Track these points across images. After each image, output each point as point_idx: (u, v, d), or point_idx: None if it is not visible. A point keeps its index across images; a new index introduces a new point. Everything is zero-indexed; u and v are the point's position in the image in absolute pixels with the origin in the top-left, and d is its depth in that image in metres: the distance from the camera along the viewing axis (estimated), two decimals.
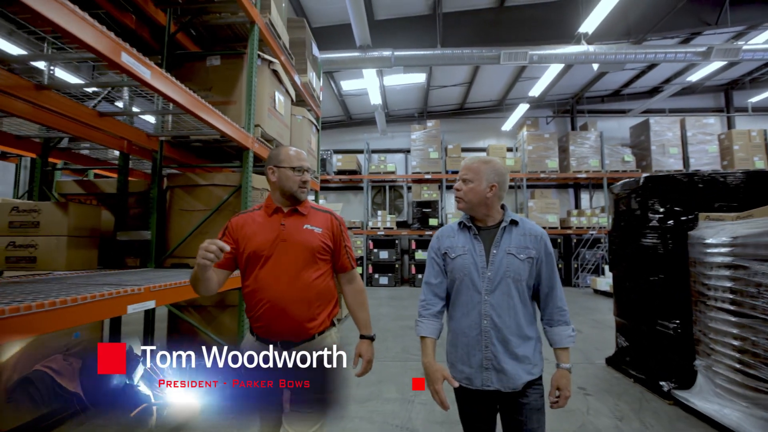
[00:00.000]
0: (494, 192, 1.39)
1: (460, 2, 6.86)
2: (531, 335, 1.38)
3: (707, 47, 6.23)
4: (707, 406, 2.56)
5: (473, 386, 1.36)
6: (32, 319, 1.37)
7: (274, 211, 1.51)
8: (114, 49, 1.74)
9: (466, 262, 1.40)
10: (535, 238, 1.39)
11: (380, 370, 3.63)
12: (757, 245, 2.28)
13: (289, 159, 1.50)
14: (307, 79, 4.90)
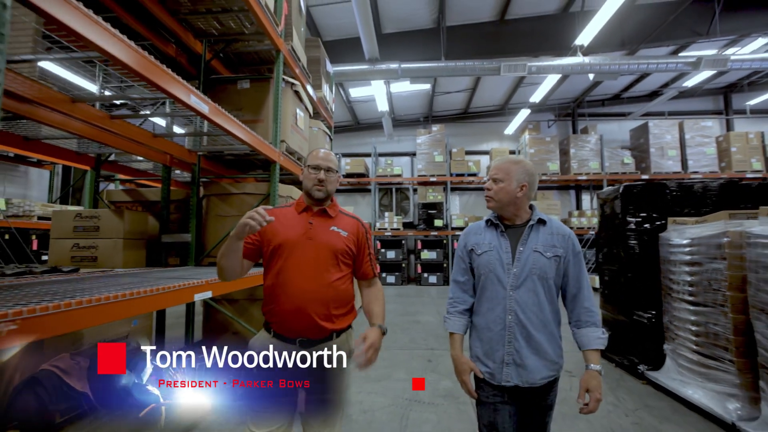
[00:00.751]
0: (524, 192, 1.43)
1: (462, 16, 7.32)
2: (554, 333, 1.40)
3: (697, 58, 6.63)
4: (672, 383, 3.01)
5: (494, 381, 1.39)
6: (131, 304, 1.87)
7: (303, 209, 1.55)
8: (186, 93, 2.25)
9: (492, 258, 1.43)
10: (563, 237, 1.42)
11: (391, 357, 4.11)
12: (709, 245, 2.73)
13: (310, 158, 1.57)
14: (322, 94, 5.41)
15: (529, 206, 1.49)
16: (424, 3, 6.95)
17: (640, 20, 7.08)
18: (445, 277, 10.24)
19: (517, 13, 7.31)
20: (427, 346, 4.52)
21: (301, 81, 4.31)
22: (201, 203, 3.93)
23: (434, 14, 7.26)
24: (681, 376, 2.97)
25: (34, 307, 1.37)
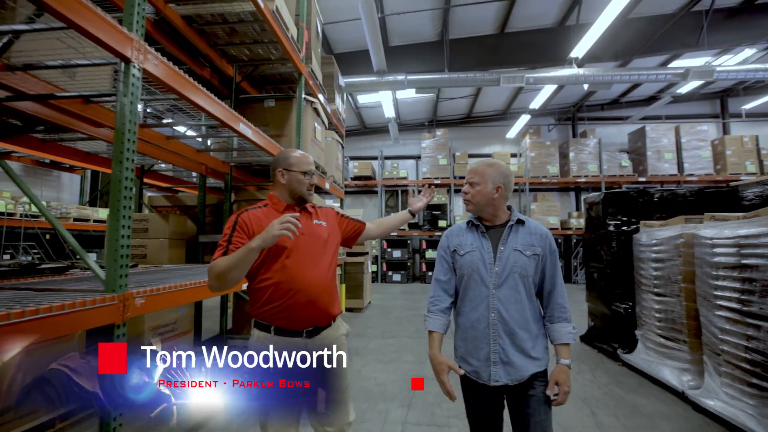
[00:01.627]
0: (500, 193, 1.48)
1: (465, 29, 7.85)
2: (536, 330, 1.44)
3: (685, 69, 7.12)
4: (641, 363, 3.54)
5: (480, 380, 1.42)
6: (196, 291, 2.44)
7: (285, 209, 1.59)
8: (234, 120, 2.82)
9: (475, 258, 1.47)
10: (541, 237, 1.47)
11: (399, 344, 4.66)
12: (669, 245, 3.25)
13: (299, 163, 1.59)
14: (335, 106, 5.97)
15: (507, 207, 1.55)
16: (429, 18, 7.49)
17: (632, 33, 7.57)
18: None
19: (516, 27, 7.83)
20: None
21: (318, 98, 4.88)
22: (232, 207, 4.50)
23: (438, 28, 7.80)
24: (648, 356, 3.50)
25: (149, 288, 1.94)
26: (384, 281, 11.01)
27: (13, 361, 2.42)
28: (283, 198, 1.61)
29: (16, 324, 1.26)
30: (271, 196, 1.65)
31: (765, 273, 2.32)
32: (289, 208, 1.59)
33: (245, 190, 4.68)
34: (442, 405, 2.93)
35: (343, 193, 6.65)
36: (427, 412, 2.85)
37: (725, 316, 2.59)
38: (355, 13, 6.57)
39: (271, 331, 1.50)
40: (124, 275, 1.78)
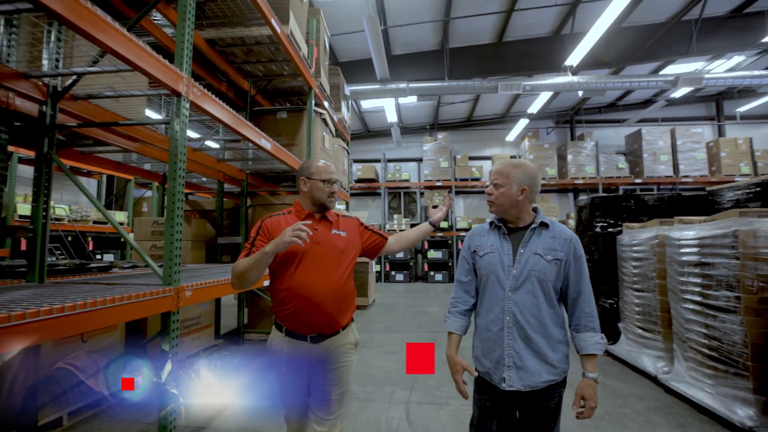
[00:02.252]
0: (525, 195, 1.44)
1: (464, 39, 8.23)
2: (556, 336, 1.40)
3: (675, 76, 7.47)
4: (622, 352, 3.91)
5: (492, 381, 1.42)
6: (227, 287, 2.82)
7: (307, 216, 1.66)
8: (257, 136, 3.20)
9: (493, 260, 1.46)
10: (565, 241, 1.43)
11: (403, 338, 5.04)
12: (646, 245, 3.61)
13: (320, 172, 1.65)
14: (341, 115, 6.36)
15: (533, 209, 1.51)
16: (430, 28, 7.87)
17: (625, 41, 7.93)
18: (450, 276, 11.14)
19: (513, 36, 8.20)
20: (432, 330, 5.44)
21: (326, 109, 5.27)
22: (248, 211, 4.89)
23: (439, 37, 8.18)
24: (629, 346, 3.87)
25: (193, 283, 2.33)
26: (387, 281, 11.39)
27: (15, 360, 2.40)
28: (306, 206, 1.69)
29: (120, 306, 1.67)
30: (296, 203, 1.73)
31: (719, 270, 2.69)
32: (310, 216, 1.66)
33: (259, 195, 5.07)
34: (441, 388, 3.31)
35: (348, 196, 7.04)
36: (428, 393, 3.23)
37: (689, 308, 2.96)
38: (360, 25, 6.96)
39: (283, 331, 1.61)
40: (177, 272, 2.16)
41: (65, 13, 1.45)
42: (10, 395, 2.31)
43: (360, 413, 2.88)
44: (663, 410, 2.89)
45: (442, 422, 2.73)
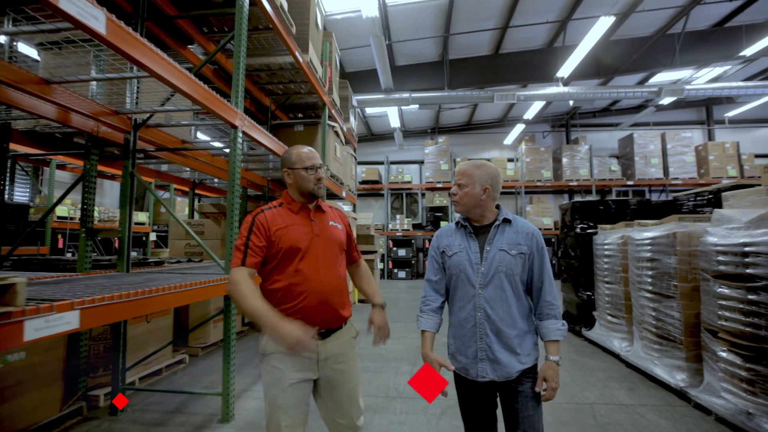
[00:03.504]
0: (488, 194, 1.50)
1: (463, 51, 8.87)
2: (524, 327, 1.47)
3: (658, 87, 8.11)
4: (596, 336, 4.57)
5: (469, 376, 1.48)
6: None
7: (300, 208, 1.59)
8: (281, 149, 3.86)
9: (462, 259, 1.51)
10: (527, 235, 1.49)
11: (406, 326, 5.71)
12: (615, 244, 4.27)
13: (301, 160, 1.56)
14: (350, 125, 7.03)
15: (495, 206, 1.57)
16: (432, 42, 8.51)
17: (613, 54, 8.56)
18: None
19: (509, 48, 8.84)
20: None
21: (337, 122, 5.93)
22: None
23: (439, 50, 8.82)
24: (601, 331, 4.53)
25: None
26: (390, 278, 12.06)
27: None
28: (295, 197, 1.61)
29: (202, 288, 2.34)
30: (284, 194, 1.64)
31: (664, 264, 3.34)
32: (304, 208, 1.59)
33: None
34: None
35: (355, 198, 7.70)
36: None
37: (644, 296, 3.62)
38: (366, 40, 7.60)
39: None
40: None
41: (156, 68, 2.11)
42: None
43: (372, 381, 3.54)
44: (620, 379, 3.56)
45: None
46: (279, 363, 1.49)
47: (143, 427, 2.70)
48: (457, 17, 7.59)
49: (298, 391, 1.50)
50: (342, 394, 1.57)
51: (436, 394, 1.44)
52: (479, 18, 7.69)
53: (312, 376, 1.53)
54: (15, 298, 1.25)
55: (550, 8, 7.55)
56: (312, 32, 4.64)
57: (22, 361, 2.40)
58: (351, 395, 1.59)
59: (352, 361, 1.63)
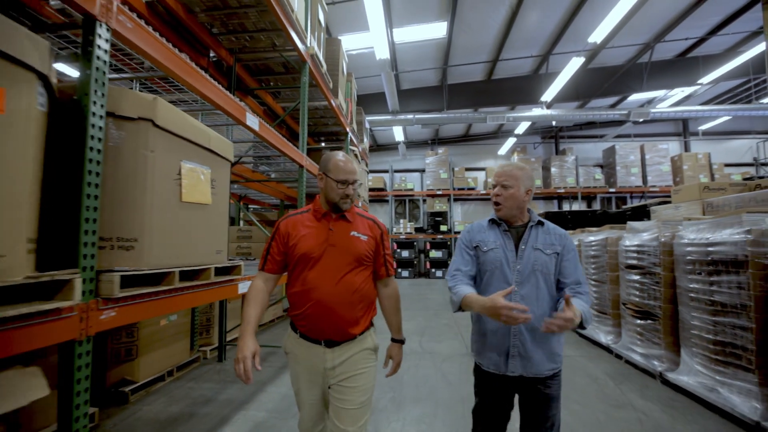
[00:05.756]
0: (529, 196, 1.59)
1: (459, 77, 10.31)
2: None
3: (628, 110, 9.57)
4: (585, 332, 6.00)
5: (500, 372, 1.54)
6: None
7: (322, 216, 1.63)
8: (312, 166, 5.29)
9: (498, 255, 1.57)
10: (560, 237, 1.59)
11: (414, 314, 7.13)
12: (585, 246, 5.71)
13: (337, 170, 1.58)
14: (364, 146, 8.45)
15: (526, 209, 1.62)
16: (432, 70, 9.95)
17: (590, 80, 10.02)
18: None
19: (500, 75, 10.29)
20: (434, 309, 7.52)
21: (355, 145, 7.35)
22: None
23: (439, 76, 10.26)
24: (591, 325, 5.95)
25: None
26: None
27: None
28: (322, 203, 1.64)
29: None
30: (315, 199, 1.67)
31: (600, 258, 4.76)
32: (327, 216, 1.61)
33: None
34: (440, 336, 5.39)
35: (368, 206, 9.12)
36: (433, 337, 5.31)
37: (590, 283, 5.05)
38: (375, 70, 9.02)
39: (297, 333, 1.61)
40: None
41: (261, 131, 3.52)
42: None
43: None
44: (573, 344, 4.97)
45: (440, 348, 4.82)
46: (293, 362, 1.64)
47: None
48: (454, 52, 9.03)
49: (312, 389, 1.60)
50: (343, 415, 1.53)
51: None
52: (473, 53, 9.14)
53: (320, 382, 1.58)
54: (240, 270, 2.66)
55: (534, 44, 9.01)
56: (340, 79, 6.06)
57: (173, 321, 3.80)
58: (354, 417, 1.53)
59: (363, 377, 1.59)
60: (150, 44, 1.80)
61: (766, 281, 2.67)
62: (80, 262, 1.47)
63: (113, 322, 1.61)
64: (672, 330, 3.63)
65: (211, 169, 2.28)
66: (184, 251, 2.03)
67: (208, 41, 4.11)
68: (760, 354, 2.67)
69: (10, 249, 1.19)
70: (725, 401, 2.84)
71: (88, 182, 1.49)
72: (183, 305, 2.08)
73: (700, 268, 3.15)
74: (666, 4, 7.76)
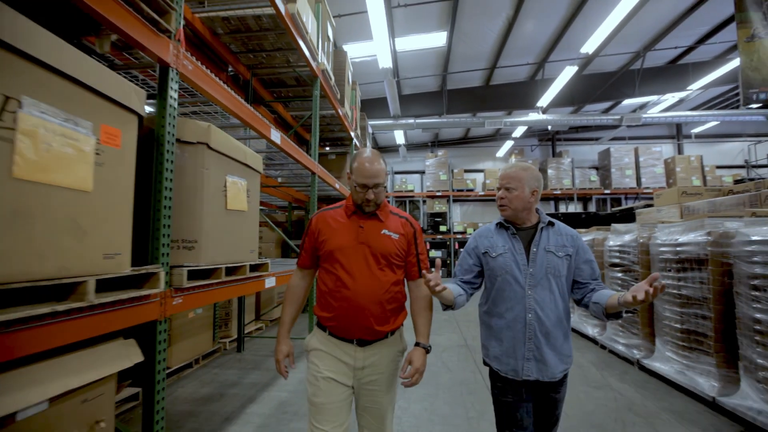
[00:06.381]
0: (535, 196, 1.56)
1: (458, 83, 10.72)
2: (568, 328, 1.54)
3: (620, 115, 10.00)
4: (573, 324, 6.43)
5: (518, 377, 1.51)
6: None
7: (353, 213, 1.61)
8: (333, 181, 5.70)
9: (508, 260, 1.54)
10: (571, 238, 1.57)
11: None
12: None
13: (357, 173, 1.55)
14: None
15: (535, 209, 1.61)
16: (432, 77, 10.36)
17: (584, 86, 10.45)
18: (448, 272, 13.63)
19: (497, 81, 10.71)
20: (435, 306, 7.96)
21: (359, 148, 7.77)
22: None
23: (439, 82, 10.68)
24: (579, 319, 6.36)
25: None
26: None
27: None
28: (352, 201, 1.62)
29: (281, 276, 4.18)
30: (349, 196, 1.67)
31: None
32: (357, 213, 1.61)
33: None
34: (440, 330, 5.81)
35: None
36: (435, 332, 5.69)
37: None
38: (378, 77, 9.44)
39: (326, 331, 1.60)
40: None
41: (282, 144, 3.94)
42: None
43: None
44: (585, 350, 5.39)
45: (440, 340, 5.24)
46: (317, 359, 1.59)
47: (259, 357, 4.51)
48: (453, 59, 9.45)
49: (332, 388, 1.54)
50: (369, 416, 1.59)
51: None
52: (472, 60, 9.56)
53: (347, 382, 1.56)
54: (267, 267, 3.07)
55: (530, 53, 9.44)
56: (346, 89, 6.47)
57: (198, 314, 4.21)
58: (379, 417, 1.58)
59: (390, 378, 1.61)
60: (205, 82, 2.21)
61: (723, 277, 3.09)
62: (160, 258, 1.88)
63: (180, 307, 2.02)
64: (649, 322, 4.06)
65: (246, 181, 2.69)
66: (228, 250, 2.45)
67: (228, 58, 4.52)
68: (718, 340, 3.10)
69: (123, 248, 1.60)
70: (690, 381, 3.26)
71: (164, 196, 1.90)
72: (227, 296, 2.49)
73: (670, 266, 3.58)
74: (655, 15, 8.19)
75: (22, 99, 1.18)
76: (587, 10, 7.71)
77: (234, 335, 4.96)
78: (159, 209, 1.89)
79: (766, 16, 5.02)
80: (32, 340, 1.22)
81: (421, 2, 7.23)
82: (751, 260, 2.75)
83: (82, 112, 1.39)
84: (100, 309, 1.48)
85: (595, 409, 3.09)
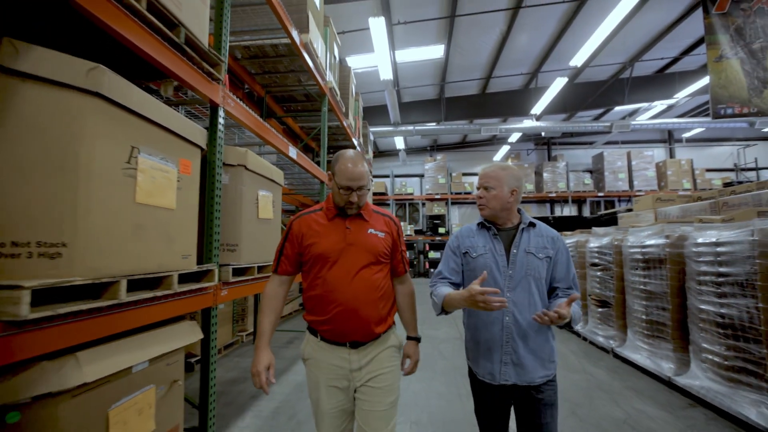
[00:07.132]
0: (515, 197, 1.54)
1: (456, 91, 11.27)
2: (548, 332, 1.51)
3: (610, 123, 10.54)
4: None
5: (495, 382, 1.50)
6: None
7: (336, 215, 1.60)
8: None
9: (488, 261, 1.53)
10: (552, 239, 1.56)
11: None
12: None
13: (339, 175, 1.54)
14: (369, 157, 9.39)
15: (517, 209, 1.59)
16: (431, 86, 10.90)
17: (576, 94, 10.99)
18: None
19: (493, 89, 11.25)
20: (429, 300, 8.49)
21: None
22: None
23: (437, 90, 11.22)
24: None
25: None
26: None
27: None
28: (334, 203, 1.62)
29: None
30: (328, 197, 1.65)
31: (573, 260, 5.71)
32: (339, 215, 1.60)
33: None
34: (438, 325, 6.33)
35: None
36: (433, 326, 6.25)
37: None
38: (379, 86, 9.96)
39: (318, 336, 1.60)
40: None
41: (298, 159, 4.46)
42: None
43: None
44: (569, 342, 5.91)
45: (438, 334, 5.76)
46: (314, 368, 1.59)
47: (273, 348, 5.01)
48: (451, 70, 9.99)
49: (335, 396, 1.55)
50: (372, 418, 1.54)
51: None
52: (468, 70, 10.11)
53: (345, 386, 1.57)
54: None
55: (523, 63, 9.99)
56: (350, 101, 7.00)
57: (220, 309, 4.73)
58: (381, 418, 1.54)
59: (389, 376, 1.59)
60: (243, 115, 2.74)
61: (679, 274, 3.62)
62: (213, 258, 2.41)
63: (226, 298, 2.54)
64: (622, 315, 4.58)
65: (272, 193, 3.21)
66: (259, 252, 2.97)
67: (245, 78, 5.05)
68: (676, 328, 3.63)
69: (192, 251, 2.13)
70: (652, 364, 3.79)
71: (216, 209, 2.43)
72: (259, 289, 3.01)
73: (638, 265, 4.10)
74: (642, 29, 8.73)
75: (140, 147, 1.70)
76: (576, 25, 8.25)
77: (250, 329, 5.47)
78: (212, 219, 2.42)
79: (733, 39, 5.54)
80: (144, 315, 1.75)
81: (420, 20, 7.76)
82: (698, 260, 3.28)
83: (169, 151, 1.91)
84: (179, 296, 2.01)
85: (569, 387, 3.61)
